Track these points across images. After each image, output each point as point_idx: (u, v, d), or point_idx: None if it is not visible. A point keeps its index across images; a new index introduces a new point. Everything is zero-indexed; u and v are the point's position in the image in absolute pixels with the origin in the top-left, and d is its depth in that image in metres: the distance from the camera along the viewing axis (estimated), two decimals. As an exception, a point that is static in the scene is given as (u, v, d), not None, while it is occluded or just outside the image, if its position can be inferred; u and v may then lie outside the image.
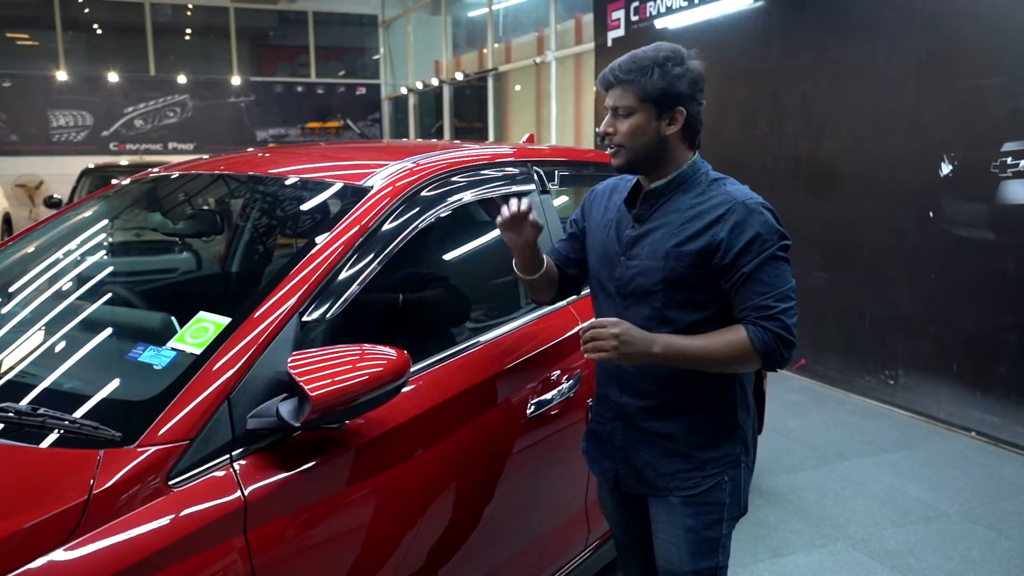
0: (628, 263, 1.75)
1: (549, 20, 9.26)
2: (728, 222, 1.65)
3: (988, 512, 3.53)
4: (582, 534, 2.39)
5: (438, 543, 1.83)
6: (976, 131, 4.31)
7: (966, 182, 4.40)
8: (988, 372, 4.33)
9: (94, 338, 1.80)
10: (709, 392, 1.77)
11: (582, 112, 8.92)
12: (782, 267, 1.66)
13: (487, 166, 2.31)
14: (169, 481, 1.37)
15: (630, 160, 1.72)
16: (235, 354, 1.52)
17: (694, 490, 1.77)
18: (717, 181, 1.75)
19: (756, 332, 1.62)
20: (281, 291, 1.65)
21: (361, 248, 1.80)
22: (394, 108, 15.60)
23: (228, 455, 1.45)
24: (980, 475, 3.93)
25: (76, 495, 1.27)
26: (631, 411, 1.79)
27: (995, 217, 4.25)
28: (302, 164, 2.35)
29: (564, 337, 2.27)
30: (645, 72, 1.66)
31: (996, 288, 4.26)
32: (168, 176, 2.49)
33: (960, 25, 4.38)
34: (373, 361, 1.53)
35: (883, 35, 4.78)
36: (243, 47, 15.11)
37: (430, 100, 14.04)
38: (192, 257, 3.24)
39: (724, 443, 1.79)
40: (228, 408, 1.46)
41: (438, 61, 13.06)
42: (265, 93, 14.90)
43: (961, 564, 3.10)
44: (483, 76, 11.08)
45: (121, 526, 1.29)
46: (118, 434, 1.39)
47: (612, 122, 1.71)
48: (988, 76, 4.22)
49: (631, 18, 7.43)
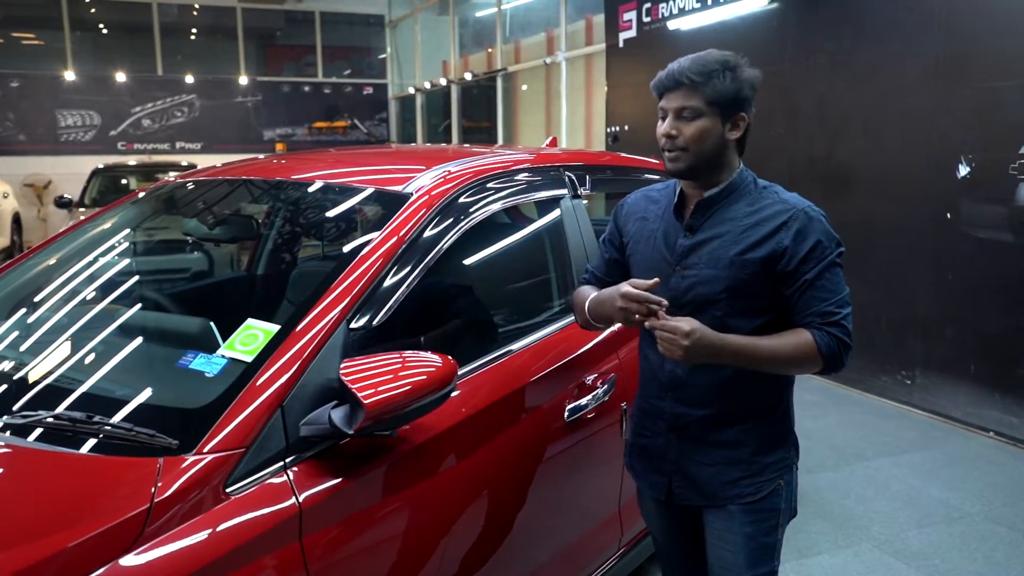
0: (684, 273, 1.72)
1: (560, 21, 9.27)
2: (791, 229, 1.65)
3: (1011, 513, 3.54)
4: (616, 535, 2.40)
5: (480, 547, 1.84)
6: (994, 133, 4.31)
7: (984, 184, 4.40)
8: (1006, 373, 4.34)
9: (142, 345, 1.81)
10: (767, 398, 1.77)
11: (593, 113, 8.92)
12: (839, 273, 1.69)
13: (520, 171, 2.31)
14: (226, 488, 1.38)
15: (692, 165, 1.69)
16: (287, 361, 1.53)
17: (753, 497, 1.76)
18: (767, 188, 1.75)
19: (822, 336, 1.64)
20: (329, 298, 1.66)
21: (404, 255, 1.81)
22: (401, 108, 15.62)
23: (282, 462, 1.47)
24: (1000, 476, 3.94)
25: (138, 503, 1.28)
26: (688, 421, 1.77)
27: (1013, 219, 4.25)
28: (335, 169, 2.36)
29: (598, 341, 2.28)
30: (714, 75, 1.64)
31: (1014, 290, 4.27)
32: (200, 181, 2.51)
33: (977, 27, 4.38)
34: (423, 368, 1.53)
35: (899, 36, 4.77)
36: (250, 47, 15.13)
37: (438, 100, 14.06)
38: (230, 262, 3.27)
39: (779, 448, 1.80)
40: (282, 416, 1.48)
41: (446, 61, 13.07)
42: (272, 93, 14.92)
43: (985, 565, 3.10)
44: (492, 76, 11.09)
45: (182, 533, 1.30)
46: (175, 442, 1.40)
47: (676, 124, 1.67)
48: (1006, 78, 4.22)
49: (643, 19, 7.43)
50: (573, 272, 2.33)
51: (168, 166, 10.10)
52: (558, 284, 2.37)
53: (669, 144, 1.69)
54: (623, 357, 2.35)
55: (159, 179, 9.21)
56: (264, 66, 15.55)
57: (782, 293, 1.68)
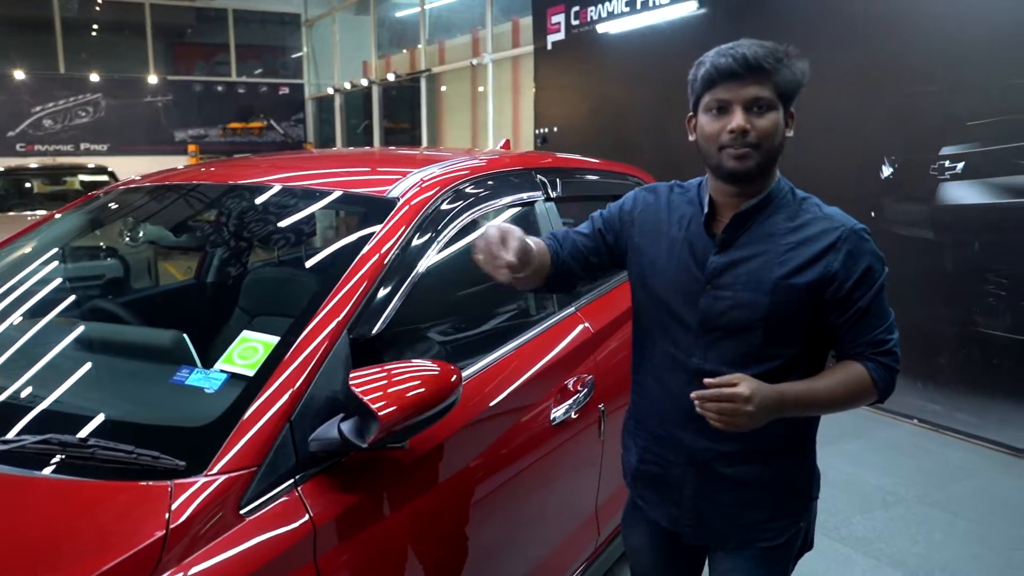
0: (717, 294, 1.52)
1: (485, 22, 9.27)
2: (840, 251, 1.47)
3: (942, 496, 3.75)
4: (593, 535, 2.42)
5: (482, 555, 1.82)
6: (915, 136, 4.56)
7: (906, 184, 4.65)
8: (929, 363, 4.59)
9: (125, 362, 1.71)
10: (795, 433, 1.60)
11: (521, 114, 8.97)
12: (885, 297, 1.53)
13: (497, 175, 2.31)
14: (240, 510, 1.32)
15: (761, 165, 1.47)
16: (292, 374, 1.47)
17: (771, 542, 1.61)
18: (807, 200, 1.56)
19: (877, 370, 1.50)
20: (328, 307, 1.61)
21: (397, 261, 1.77)
22: (318, 108, 15.32)
23: (293, 479, 1.41)
24: (928, 461, 4.16)
25: (152, 530, 1.21)
26: (710, 456, 1.58)
27: (934, 217, 4.51)
28: (308, 171, 2.30)
29: (575, 343, 2.29)
30: (784, 62, 1.44)
31: (935, 283, 4.52)
32: (160, 186, 2.39)
33: (897, 37, 4.62)
34: (430, 377, 1.51)
35: (824, 44, 4.99)
36: (158, 45, 14.54)
37: (357, 100, 13.85)
38: (147, 268, 3.11)
39: (804, 488, 1.66)
40: (290, 431, 1.42)
41: (366, 61, 12.89)
42: (184, 92, 14.39)
43: (926, 547, 3.28)
44: (416, 77, 11.00)
45: (201, 559, 1.24)
46: (181, 463, 1.33)
47: (749, 118, 1.44)
48: (925, 84, 4.47)
49: (571, 22, 7.52)
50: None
51: (75, 168, 9.59)
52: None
53: (739, 141, 1.44)
54: (599, 358, 2.37)
55: (65, 180, 8.66)
56: (173, 65, 14.97)
57: (830, 321, 1.51)
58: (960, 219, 4.38)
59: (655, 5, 6.39)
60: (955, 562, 3.15)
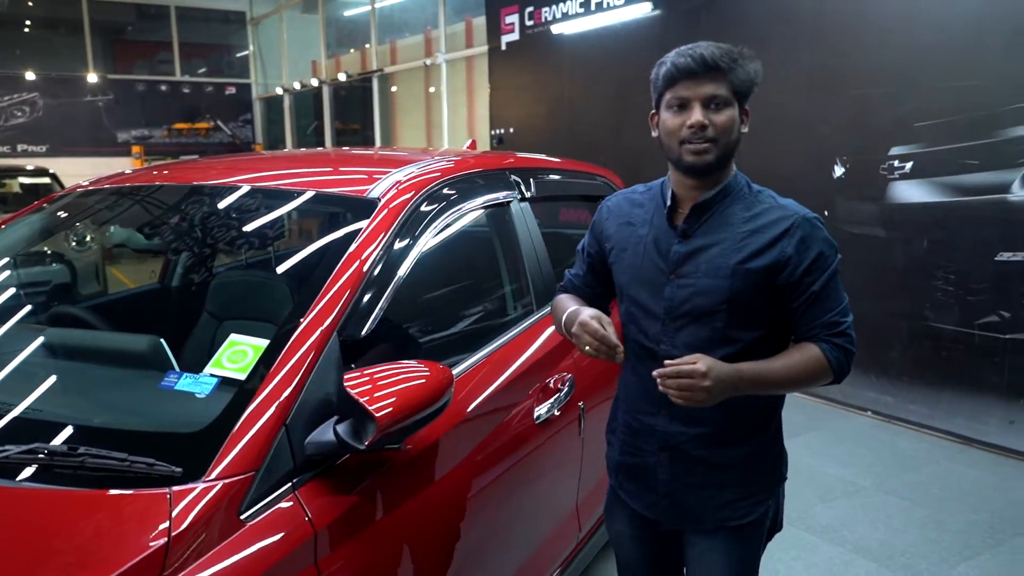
0: (680, 282, 1.60)
1: (438, 22, 9.24)
2: (794, 237, 1.56)
3: (899, 484, 3.87)
4: (575, 530, 2.43)
5: (473, 551, 1.82)
6: (865, 137, 4.70)
7: (857, 184, 4.78)
8: (881, 356, 4.74)
9: (106, 369, 1.66)
10: (762, 416, 1.68)
11: (475, 115, 8.96)
12: (839, 282, 1.61)
13: (473, 175, 2.30)
14: (240, 515, 1.30)
15: (719, 158, 1.56)
16: (285, 377, 1.45)
17: (742, 520, 1.68)
18: (761, 192, 1.66)
19: (831, 351, 1.57)
20: (316, 309, 1.59)
21: (382, 261, 1.76)
22: (267, 108, 15.06)
23: (290, 483, 1.39)
24: (883, 450, 4.30)
25: (154, 538, 1.18)
26: (682, 440, 1.65)
27: (884, 215, 4.65)
28: (281, 171, 2.26)
29: (554, 342, 2.30)
30: (739, 61, 1.55)
31: (886, 279, 4.67)
32: (129, 188, 2.32)
33: (847, 40, 4.75)
34: (423, 378, 1.50)
35: (777, 47, 5.10)
36: (97, 42, 14.09)
37: (307, 100, 13.66)
38: (95, 274, 3.02)
39: (772, 468, 1.73)
40: (287, 434, 1.40)
41: (315, 61, 12.72)
42: (126, 92, 13.98)
43: (887, 533, 3.38)
44: (368, 77, 10.90)
45: (204, 566, 1.21)
46: (177, 469, 1.30)
47: (706, 114, 1.53)
48: (875, 87, 4.61)
49: (526, 22, 7.55)
50: (528, 274, 2.35)
51: (14, 171, 9.24)
52: (516, 286, 2.38)
53: (699, 136, 1.54)
54: (576, 356, 2.39)
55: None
56: (114, 63, 14.54)
57: (785, 305, 1.59)
58: (909, 217, 4.53)
59: (609, 6, 6.46)
60: (915, 547, 3.26)
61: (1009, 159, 4.03)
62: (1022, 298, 4.06)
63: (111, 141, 13.68)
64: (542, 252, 2.46)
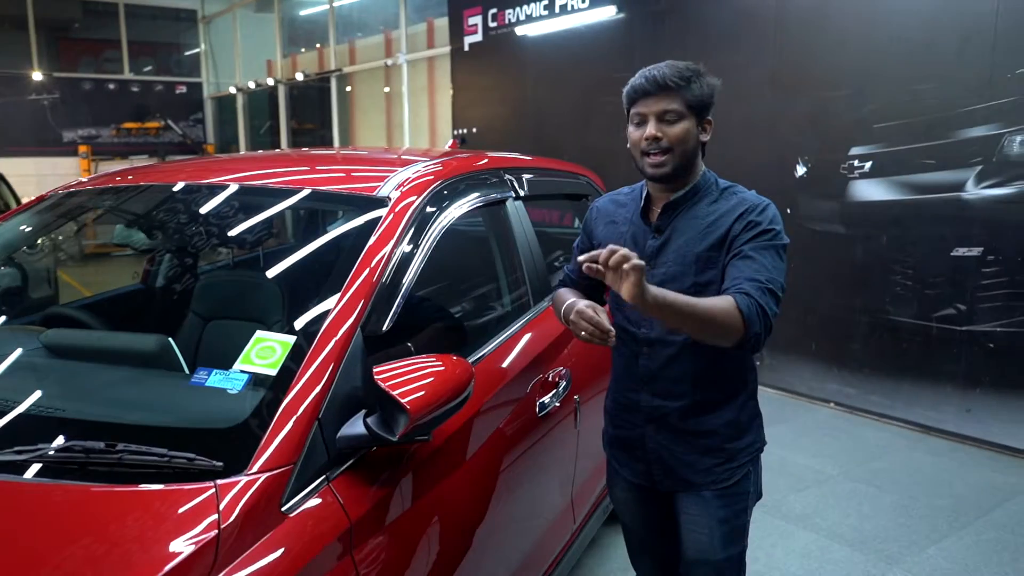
0: (654, 271, 1.79)
1: (399, 22, 9.22)
2: (744, 219, 1.74)
3: (864, 471, 4.02)
4: (570, 520, 2.49)
5: (485, 543, 1.86)
6: (826, 137, 4.87)
7: (819, 182, 4.95)
8: (843, 349, 4.91)
9: (130, 368, 1.66)
10: (736, 384, 1.86)
11: (437, 115, 8.96)
12: (780, 262, 1.72)
13: (475, 174, 2.34)
14: (281, 508, 1.32)
15: (676, 166, 1.76)
16: (316, 372, 1.48)
17: (727, 482, 1.85)
18: (729, 188, 1.84)
19: (742, 298, 1.61)
20: (341, 304, 1.61)
21: (397, 257, 1.79)
22: (219, 108, 14.79)
23: (325, 476, 1.42)
24: (848, 440, 4.46)
25: (205, 531, 1.20)
26: (665, 412, 1.85)
27: (844, 213, 4.82)
28: (280, 169, 2.26)
29: (553, 339, 2.36)
30: (692, 80, 1.74)
31: (847, 275, 4.84)
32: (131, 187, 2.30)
33: (809, 44, 4.92)
34: (447, 370, 1.54)
35: (740, 49, 5.25)
36: (41, 39, 13.65)
37: (261, 100, 13.46)
38: (46, 278, 2.95)
39: (749, 433, 1.89)
40: (319, 428, 1.43)
41: (270, 60, 12.56)
42: (72, 90, 13.57)
43: (858, 519, 3.52)
44: (326, 77, 10.81)
45: (252, 558, 1.23)
46: (218, 464, 1.32)
47: (660, 127, 1.74)
48: (835, 89, 4.78)
49: (489, 24, 7.58)
50: (525, 271, 2.40)
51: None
52: (516, 281, 2.42)
53: (654, 147, 1.75)
54: (571, 351, 2.45)
55: None
56: (58, 61, 14.09)
57: (722, 265, 1.73)
58: (869, 215, 4.71)
59: (574, 9, 6.54)
60: (885, 531, 3.41)
61: (963, 159, 4.23)
62: (977, 291, 4.26)
63: (56, 141, 13.28)
64: (536, 249, 2.51)
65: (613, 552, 3.20)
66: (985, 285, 4.24)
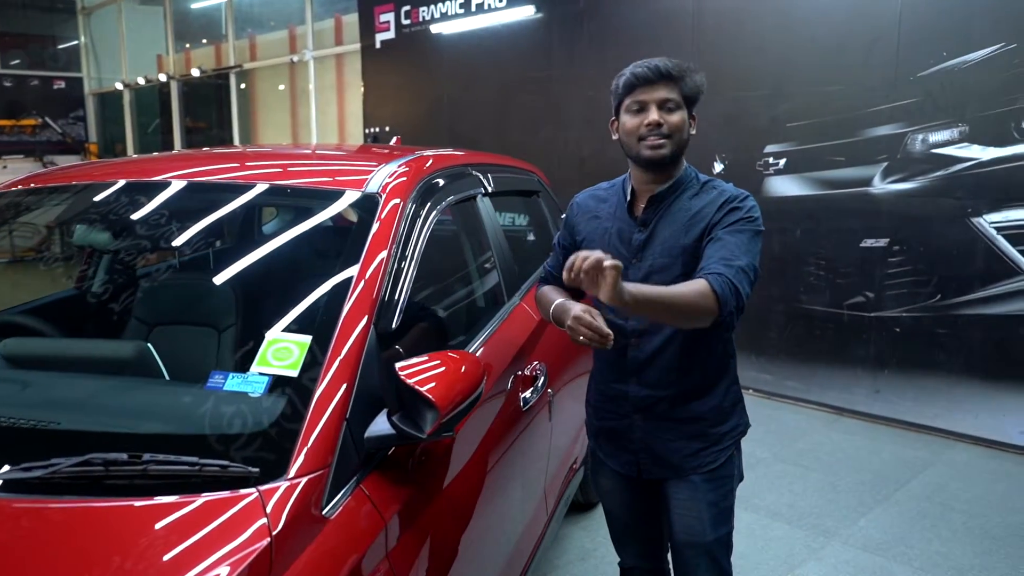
0: (640, 264, 1.83)
1: (305, 18, 8.98)
2: (724, 209, 1.80)
3: (791, 452, 4.25)
4: (544, 513, 2.52)
5: (485, 536, 1.87)
6: (742, 136, 5.09)
7: (736, 179, 5.11)
8: (761, 338, 5.16)
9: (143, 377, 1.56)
10: (718, 370, 1.92)
11: (346, 113, 8.79)
12: (755, 246, 1.79)
13: (451, 169, 2.33)
14: (322, 511, 1.29)
15: (673, 152, 1.80)
16: (339, 372, 1.44)
17: (712, 465, 1.91)
18: (709, 182, 1.90)
19: (715, 278, 1.66)
20: (349, 303, 1.58)
21: (396, 255, 1.77)
22: (101, 105, 13.95)
23: (356, 477, 1.39)
24: (771, 424, 4.68)
25: (258, 538, 1.15)
26: (653, 401, 1.89)
27: (760, 208, 5.04)
28: (261, 164, 2.18)
29: (529, 333, 2.38)
30: (686, 74, 1.80)
31: (763, 266, 5.05)
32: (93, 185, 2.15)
33: (725, 46, 5.13)
34: (463, 366, 1.53)
35: (659, 51, 5.34)
36: None
37: (149, 97, 12.80)
38: None
39: (732, 417, 1.96)
40: (348, 429, 1.40)
41: (160, 55, 11.96)
42: (-66, 85, 12.49)
43: (791, 497, 3.71)
44: (224, 73, 10.40)
45: (306, 565, 1.19)
46: (254, 470, 1.27)
47: (661, 115, 1.79)
48: (751, 90, 5.01)
49: (402, 21, 7.50)
50: (498, 265, 2.41)
51: None
52: (493, 276, 2.43)
53: (656, 132, 1.78)
54: (543, 344, 2.47)
55: None
56: (-90, 53, 12.94)
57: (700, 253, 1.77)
58: (783, 209, 4.96)
59: (491, 8, 6.56)
60: (818, 507, 3.61)
61: (870, 156, 4.52)
62: (884, 280, 4.57)
63: (-82, 139, 12.21)
64: (505, 244, 2.53)
65: (569, 544, 3.26)
66: (891, 274, 4.55)
